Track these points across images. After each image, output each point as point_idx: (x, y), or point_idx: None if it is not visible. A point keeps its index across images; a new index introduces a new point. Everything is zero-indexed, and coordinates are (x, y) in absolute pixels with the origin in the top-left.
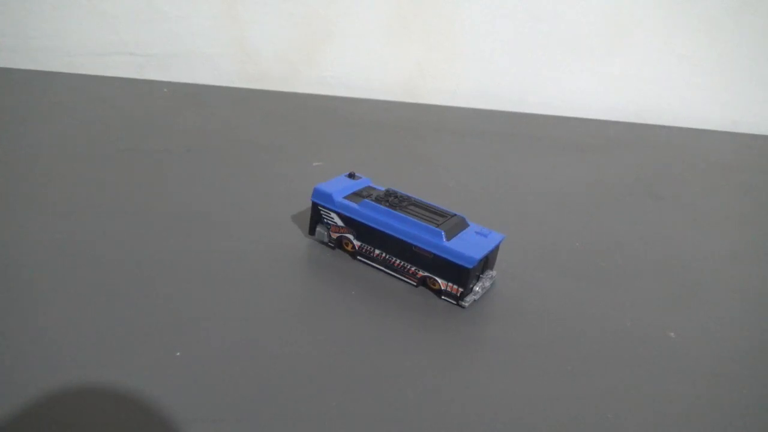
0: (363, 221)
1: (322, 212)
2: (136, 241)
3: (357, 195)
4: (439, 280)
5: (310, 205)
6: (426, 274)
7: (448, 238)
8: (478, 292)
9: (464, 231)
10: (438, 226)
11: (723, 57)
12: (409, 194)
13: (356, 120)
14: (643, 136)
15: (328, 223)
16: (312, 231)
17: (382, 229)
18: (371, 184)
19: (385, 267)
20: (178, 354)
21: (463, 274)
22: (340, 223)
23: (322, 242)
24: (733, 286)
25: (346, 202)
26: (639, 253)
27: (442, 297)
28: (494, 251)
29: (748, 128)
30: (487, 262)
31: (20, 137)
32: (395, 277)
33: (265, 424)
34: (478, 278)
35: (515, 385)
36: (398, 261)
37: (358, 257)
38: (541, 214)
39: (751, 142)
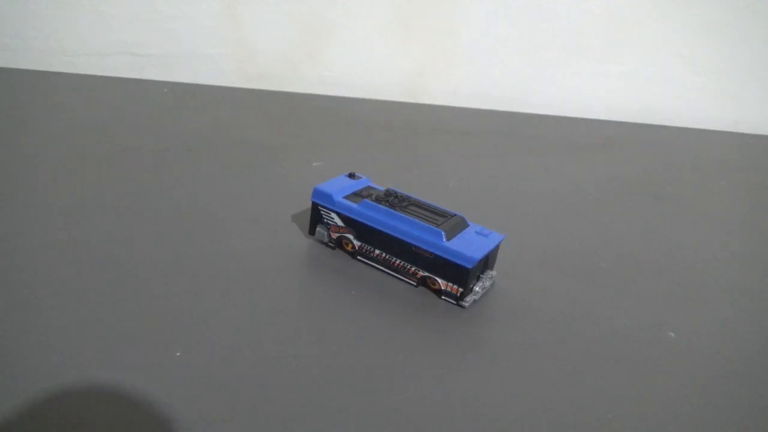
0: (363, 221)
1: (322, 212)
2: (136, 241)
3: (357, 195)
4: (439, 280)
5: (310, 205)
6: (426, 274)
7: (448, 238)
8: (478, 292)
9: (464, 231)
10: (438, 226)
11: (723, 56)
12: (409, 194)
13: (356, 120)
14: (643, 136)
15: (328, 223)
16: (312, 231)
17: (382, 229)
18: (371, 184)
19: (385, 267)
20: (178, 354)
21: (463, 274)
22: (340, 223)
23: (322, 242)
24: (733, 286)
25: (346, 202)
26: (639, 253)
27: (442, 297)
28: (494, 251)
29: (749, 128)
30: (487, 262)
31: (20, 137)
32: (395, 277)
33: (265, 424)
34: (478, 278)
35: (515, 385)
36: (398, 261)
37: (358, 257)
38: (541, 214)
39: (752, 141)
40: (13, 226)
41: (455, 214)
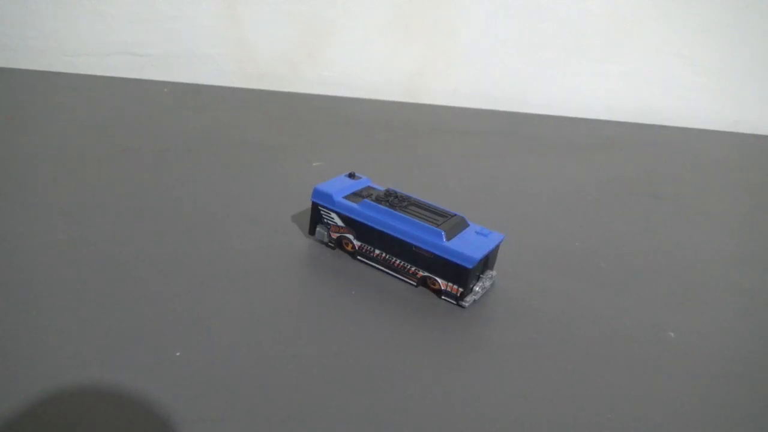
0: (363, 221)
1: (322, 212)
2: (136, 241)
3: (357, 195)
4: (439, 280)
5: (310, 205)
6: (426, 274)
7: (448, 238)
8: (478, 292)
9: (464, 231)
10: (438, 226)
11: (723, 56)
12: (409, 194)
13: (356, 120)
14: (643, 136)
15: (328, 223)
16: (312, 231)
17: (382, 229)
18: (371, 184)
19: (385, 267)
20: (178, 354)
21: (463, 274)
22: (340, 223)
23: (322, 242)
24: (733, 286)
25: (346, 202)
26: (639, 253)
27: (442, 297)
28: (494, 251)
29: (749, 128)
30: (487, 262)
31: (20, 137)
32: (395, 277)
33: (265, 424)
34: (478, 278)
35: (515, 385)
36: (398, 261)
37: (358, 257)
38: (541, 214)
39: (752, 141)
40: (13, 226)
41: (455, 214)
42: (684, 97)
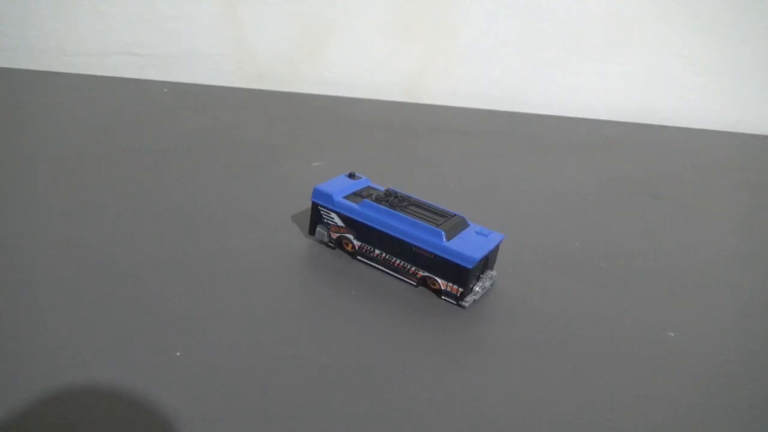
0: (363, 221)
1: (322, 212)
2: (136, 241)
3: (357, 195)
4: (439, 280)
5: (310, 205)
6: (426, 274)
7: (448, 238)
8: (478, 292)
9: (464, 231)
10: (438, 226)
11: (724, 56)
12: (409, 194)
13: (356, 120)
14: (643, 136)
15: (328, 223)
16: (312, 231)
17: (382, 229)
18: (371, 184)
19: (385, 267)
20: (178, 354)
21: (463, 274)
22: (340, 223)
23: (322, 242)
24: (733, 286)
25: (346, 202)
26: (639, 253)
27: (442, 297)
28: (494, 251)
29: (749, 128)
30: (487, 262)
31: (20, 137)
32: (395, 277)
33: (265, 424)
34: (478, 278)
35: (515, 385)
36: (398, 261)
37: (358, 257)
38: (541, 214)
39: (752, 141)
40: (13, 226)
41: (455, 214)
42: (684, 97)
